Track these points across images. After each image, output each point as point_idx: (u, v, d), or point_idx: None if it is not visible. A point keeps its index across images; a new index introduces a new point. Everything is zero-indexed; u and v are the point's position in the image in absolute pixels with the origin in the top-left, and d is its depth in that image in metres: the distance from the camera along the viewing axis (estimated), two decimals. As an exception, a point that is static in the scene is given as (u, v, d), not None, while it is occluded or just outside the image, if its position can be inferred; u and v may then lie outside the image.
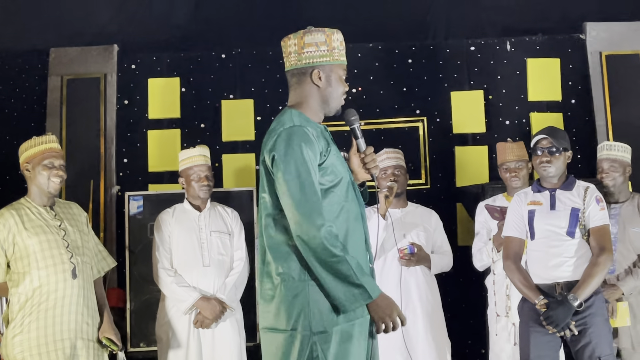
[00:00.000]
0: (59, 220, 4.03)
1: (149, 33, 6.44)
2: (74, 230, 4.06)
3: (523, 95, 6.25)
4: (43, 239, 3.92)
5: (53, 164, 4.02)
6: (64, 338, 3.86)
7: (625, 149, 4.83)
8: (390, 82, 6.29)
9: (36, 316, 3.84)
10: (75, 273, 3.94)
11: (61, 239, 3.97)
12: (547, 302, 3.94)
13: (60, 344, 3.84)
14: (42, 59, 6.35)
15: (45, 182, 4.00)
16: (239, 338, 4.77)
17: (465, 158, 6.16)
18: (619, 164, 4.78)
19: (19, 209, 4.00)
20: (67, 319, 3.89)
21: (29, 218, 3.97)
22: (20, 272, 3.91)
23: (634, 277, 4.58)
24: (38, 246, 3.90)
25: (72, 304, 3.91)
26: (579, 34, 6.32)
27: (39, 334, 3.82)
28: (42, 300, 3.86)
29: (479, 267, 4.94)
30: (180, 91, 6.31)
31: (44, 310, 3.85)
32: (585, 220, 4.04)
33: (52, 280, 3.88)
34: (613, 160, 4.79)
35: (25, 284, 3.88)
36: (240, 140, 6.26)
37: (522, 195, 4.25)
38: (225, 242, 4.84)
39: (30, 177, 4.05)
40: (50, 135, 4.15)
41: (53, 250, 3.92)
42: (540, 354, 4.00)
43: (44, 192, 4.03)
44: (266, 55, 6.36)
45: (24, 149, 4.11)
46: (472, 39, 6.40)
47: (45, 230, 3.95)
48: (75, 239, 4.03)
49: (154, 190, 5.93)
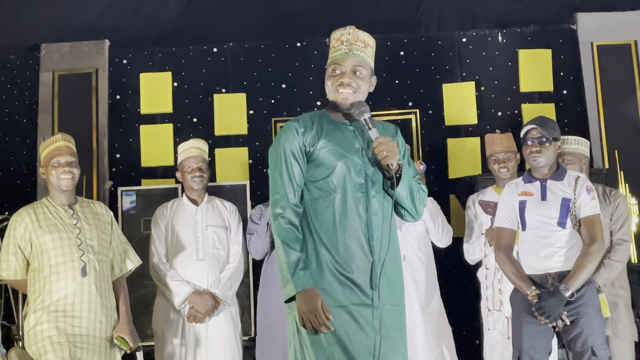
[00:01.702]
0: (76, 219, 4.07)
1: (140, 28, 6.43)
2: (91, 229, 4.09)
3: (515, 87, 6.26)
4: (56, 236, 3.98)
5: (59, 162, 4.07)
6: (75, 334, 3.90)
7: (580, 142, 4.76)
8: (383, 75, 6.22)
9: (47, 310, 3.90)
10: (85, 271, 3.96)
11: (75, 237, 4.01)
12: (539, 293, 3.95)
13: (72, 338, 3.88)
14: (34, 54, 6.35)
15: (56, 182, 4.06)
16: (234, 332, 4.76)
17: (458, 150, 6.18)
18: (573, 156, 4.72)
19: (36, 208, 4.07)
20: (78, 316, 3.93)
21: (45, 217, 4.03)
22: (36, 269, 3.98)
23: (606, 268, 4.56)
24: (51, 244, 3.96)
25: (83, 302, 3.95)
26: (570, 24, 6.33)
27: (51, 325, 3.87)
28: (53, 297, 3.91)
29: (470, 261, 4.96)
30: (172, 86, 6.31)
31: (54, 306, 3.90)
32: (576, 210, 4.04)
33: (62, 277, 3.93)
34: (568, 154, 4.73)
35: (40, 280, 3.95)
36: (233, 135, 6.27)
37: (513, 186, 4.26)
38: (221, 236, 4.84)
39: (46, 179, 4.14)
40: (58, 134, 4.21)
41: (65, 248, 3.97)
42: (533, 344, 4.00)
43: (58, 191, 4.09)
44: (258, 48, 6.36)
45: (40, 153, 4.22)
46: (464, 30, 6.41)
47: (60, 229, 4.00)
48: (90, 237, 4.06)
49: (146, 186, 5.93)
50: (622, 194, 4.88)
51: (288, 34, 6.42)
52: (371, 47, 3.24)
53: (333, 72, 3.19)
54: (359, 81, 3.17)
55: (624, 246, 4.63)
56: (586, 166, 4.80)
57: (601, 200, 4.70)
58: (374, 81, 3.26)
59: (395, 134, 3.27)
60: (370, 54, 3.23)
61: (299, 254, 3.03)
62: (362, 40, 3.21)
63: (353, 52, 3.18)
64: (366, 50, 3.21)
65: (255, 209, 5.01)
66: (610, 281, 4.63)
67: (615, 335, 4.65)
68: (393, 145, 3.08)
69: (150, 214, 5.05)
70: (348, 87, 3.15)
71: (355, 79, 3.16)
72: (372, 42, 3.25)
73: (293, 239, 3.05)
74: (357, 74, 3.17)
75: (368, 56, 3.21)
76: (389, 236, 3.11)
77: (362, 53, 3.19)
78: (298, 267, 3.01)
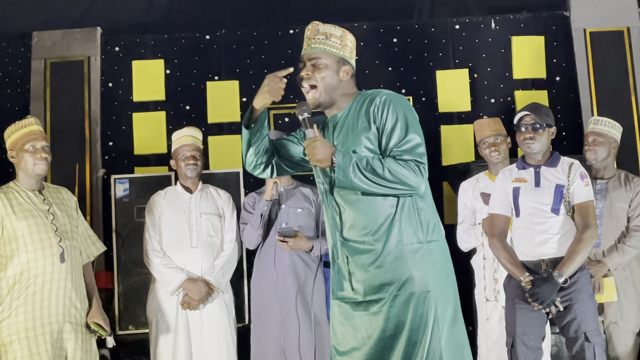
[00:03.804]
0: (48, 205, 4.03)
1: (132, 15, 6.42)
2: (63, 215, 4.05)
3: (508, 73, 6.26)
4: (32, 222, 3.92)
5: (35, 147, 4.01)
6: (52, 322, 3.86)
7: (613, 125, 4.79)
8: (376, 62, 6.28)
9: (24, 300, 3.84)
10: (64, 257, 3.94)
11: (50, 222, 3.97)
12: (532, 279, 3.96)
13: (48, 328, 3.84)
14: (25, 42, 6.31)
15: (31, 167, 3.99)
16: (228, 319, 4.77)
17: (451, 137, 6.18)
18: (604, 138, 4.77)
19: (7, 193, 4.00)
20: (54, 303, 3.89)
21: (17, 202, 3.96)
22: (9, 256, 3.90)
23: (619, 252, 4.61)
24: (26, 229, 3.90)
25: (59, 288, 3.91)
26: (563, 11, 6.32)
27: (27, 317, 3.82)
28: (29, 283, 3.86)
29: (464, 249, 4.94)
30: (164, 73, 6.29)
31: (31, 294, 3.85)
32: (570, 196, 4.05)
33: (40, 264, 3.88)
34: (598, 134, 4.77)
35: (14, 267, 3.88)
36: (226, 122, 6.26)
37: (506, 172, 4.26)
38: (215, 224, 4.84)
39: (16, 162, 4.05)
40: (30, 117, 4.13)
41: (42, 234, 3.92)
42: (526, 330, 4.02)
43: (31, 176, 4.03)
44: (251, 35, 6.34)
45: (7, 136, 4.11)
46: (457, 17, 6.40)
47: (34, 214, 3.95)
48: (64, 223, 4.03)
49: (140, 173, 5.92)
50: None
51: (281, 21, 6.40)
52: (337, 37, 3.22)
53: (301, 66, 3.25)
54: (318, 73, 3.18)
55: None
56: (615, 151, 4.81)
57: (622, 185, 4.73)
58: (349, 69, 3.24)
59: (370, 103, 3.16)
60: (336, 44, 3.21)
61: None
62: (323, 33, 3.21)
63: (311, 47, 3.22)
64: (328, 41, 3.20)
65: (248, 197, 5.01)
66: (622, 266, 4.65)
67: (619, 321, 4.67)
68: (311, 146, 3.06)
69: (144, 201, 5.05)
70: (307, 80, 3.19)
71: (314, 71, 3.18)
72: (337, 32, 3.23)
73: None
74: (316, 66, 3.19)
75: (331, 46, 3.20)
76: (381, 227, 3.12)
77: (323, 45, 3.19)
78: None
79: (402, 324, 3.05)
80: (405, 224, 3.10)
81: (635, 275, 4.75)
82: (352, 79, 3.28)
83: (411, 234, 3.09)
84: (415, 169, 3.03)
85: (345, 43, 3.23)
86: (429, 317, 3.05)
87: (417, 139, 3.09)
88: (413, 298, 3.05)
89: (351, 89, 3.27)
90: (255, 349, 4.75)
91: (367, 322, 3.10)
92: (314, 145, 3.05)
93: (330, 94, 3.21)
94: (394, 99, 3.15)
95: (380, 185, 3.02)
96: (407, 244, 3.08)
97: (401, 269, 3.07)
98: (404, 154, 3.05)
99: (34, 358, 3.77)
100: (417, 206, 3.12)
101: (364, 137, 3.12)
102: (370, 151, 3.11)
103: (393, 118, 3.09)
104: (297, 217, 4.78)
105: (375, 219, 3.10)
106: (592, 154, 4.77)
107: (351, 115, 3.20)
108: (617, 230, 4.71)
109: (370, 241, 3.10)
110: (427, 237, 3.12)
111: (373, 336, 3.08)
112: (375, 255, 3.10)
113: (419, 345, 3.02)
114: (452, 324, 3.13)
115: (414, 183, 3.04)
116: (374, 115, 3.12)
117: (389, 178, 3.00)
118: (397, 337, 3.05)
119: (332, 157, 3.04)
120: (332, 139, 3.23)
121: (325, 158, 3.04)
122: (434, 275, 3.11)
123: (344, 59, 3.23)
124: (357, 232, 3.13)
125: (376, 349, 3.07)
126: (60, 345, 3.87)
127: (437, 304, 3.07)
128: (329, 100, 3.22)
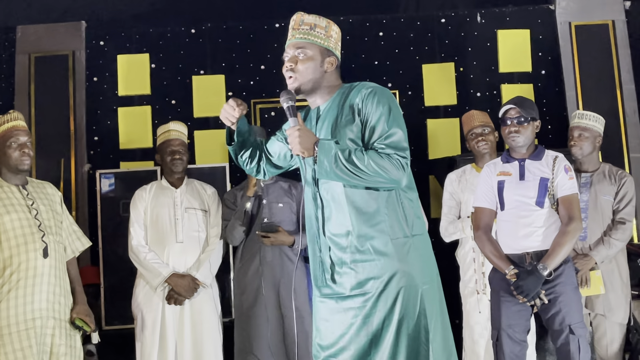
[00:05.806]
0: (31, 200, 4.01)
1: (117, 9, 6.38)
2: (47, 210, 4.03)
3: (494, 67, 6.27)
4: (14, 217, 3.90)
5: (18, 142, 3.99)
6: (35, 317, 3.84)
7: (597, 119, 4.82)
8: (362, 56, 6.28)
9: (7, 296, 3.82)
10: (47, 252, 3.92)
11: (33, 217, 3.95)
12: (517, 272, 3.98)
13: (32, 323, 3.82)
14: (9, 36, 6.26)
15: (14, 163, 3.98)
16: (214, 314, 4.78)
17: (437, 130, 6.18)
18: (589, 132, 4.79)
19: None
20: (38, 298, 3.86)
21: (0, 197, 3.94)
22: None
23: (605, 246, 4.63)
24: (9, 224, 3.88)
25: (43, 284, 3.89)
26: (549, 4, 6.33)
27: (9, 313, 3.80)
28: (12, 279, 3.84)
29: (447, 240, 4.95)
30: (150, 67, 6.26)
31: (14, 290, 3.83)
32: (554, 189, 4.07)
33: (23, 259, 3.86)
34: (583, 129, 4.79)
35: None
36: (212, 116, 6.23)
37: (491, 166, 4.28)
38: (200, 219, 4.83)
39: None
40: (13, 112, 4.11)
41: (25, 229, 3.90)
42: (511, 322, 4.04)
43: (14, 172, 4.01)
44: (237, 30, 6.31)
45: None
46: (443, 11, 6.40)
47: (17, 209, 3.93)
48: (47, 218, 4.01)
49: (125, 168, 5.89)
50: (628, 174, 4.89)
51: (266, 15, 6.37)
52: (322, 27, 3.21)
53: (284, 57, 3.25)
54: (301, 64, 3.17)
55: (626, 225, 4.68)
56: (599, 144, 4.85)
57: (606, 178, 4.75)
58: (334, 61, 3.23)
59: (354, 96, 3.15)
60: (321, 34, 3.20)
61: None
62: (308, 23, 3.20)
63: (295, 37, 3.20)
64: (312, 31, 3.19)
65: (228, 193, 5.00)
66: (609, 259, 4.67)
67: (607, 313, 4.69)
68: (294, 134, 3.05)
69: (129, 196, 5.02)
70: (289, 71, 3.18)
71: (297, 61, 3.18)
72: (322, 23, 3.21)
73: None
74: (299, 57, 3.18)
75: (315, 37, 3.19)
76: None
77: (307, 35, 3.18)
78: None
79: (389, 318, 3.03)
80: (390, 219, 3.09)
81: (622, 267, 4.78)
82: (337, 70, 3.26)
83: (397, 228, 3.08)
84: (396, 163, 3.02)
85: (330, 34, 3.22)
86: (416, 311, 3.04)
87: (399, 133, 3.07)
88: (400, 292, 3.04)
89: (335, 80, 3.26)
90: (239, 343, 4.75)
91: (352, 317, 3.09)
92: (297, 134, 3.04)
93: (313, 84, 3.20)
94: (379, 91, 3.12)
95: (361, 177, 3.00)
96: (393, 239, 3.06)
97: (388, 263, 3.05)
98: (387, 147, 3.03)
99: (17, 354, 3.75)
100: (401, 200, 3.11)
101: (347, 129, 3.10)
102: (354, 143, 3.08)
103: (377, 111, 3.07)
104: (278, 212, 4.78)
105: (360, 213, 3.09)
106: (578, 149, 4.79)
107: (335, 107, 3.19)
108: (603, 223, 4.73)
109: (354, 235, 3.09)
110: (412, 231, 3.10)
111: (360, 331, 3.07)
112: (359, 249, 3.08)
113: (407, 339, 3.02)
114: (440, 317, 3.13)
115: (395, 176, 3.02)
116: (358, 108, 3.10)
117: (370, 170, 2.98)
118: (385, 331, 3.03)
119: (314, 146, 3.03)
120: (315, 130, 3.22)
121: (308, 147, 3.03)
122: (421, 269, 3.10)
123: (329, 50, 3.21)
124: (340, 226, 3.11)
125: (362, 344, 3.06)
126: (43, 340, 3.85)
127: (424, 297, 3.07)
128: (310, 87, 3.20)
